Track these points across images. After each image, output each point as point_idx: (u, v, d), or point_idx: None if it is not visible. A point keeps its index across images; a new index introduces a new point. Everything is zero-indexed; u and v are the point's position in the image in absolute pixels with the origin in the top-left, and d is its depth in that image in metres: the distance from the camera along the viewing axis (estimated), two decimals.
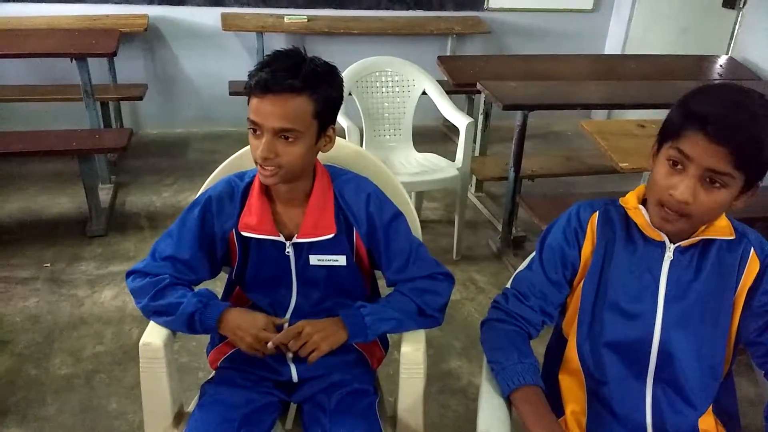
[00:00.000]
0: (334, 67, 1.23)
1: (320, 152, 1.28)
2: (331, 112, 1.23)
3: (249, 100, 1.18)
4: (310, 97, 1.16)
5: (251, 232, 1.29)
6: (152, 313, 1.30)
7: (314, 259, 1.32)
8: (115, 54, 3.23)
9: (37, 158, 3.70)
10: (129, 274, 1.34)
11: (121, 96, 3.89)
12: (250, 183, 1.32)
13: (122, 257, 2.86)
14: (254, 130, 1.18)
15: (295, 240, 1.30)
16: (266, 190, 1.31)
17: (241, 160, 1.48)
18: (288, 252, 1.31)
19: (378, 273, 1.49)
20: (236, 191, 1.32)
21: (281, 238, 1.29)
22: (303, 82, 1.14)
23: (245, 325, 1.25)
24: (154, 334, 1.28)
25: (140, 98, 3.86)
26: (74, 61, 3.20)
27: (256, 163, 1.21)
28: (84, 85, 3.26)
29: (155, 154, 4.07)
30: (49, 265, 2.78)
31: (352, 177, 1.36)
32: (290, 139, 1.17)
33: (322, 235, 1.29)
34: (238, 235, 1.31)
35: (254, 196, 1.29)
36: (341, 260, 1.32)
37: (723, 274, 1.14)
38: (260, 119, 1.16)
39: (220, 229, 1.32)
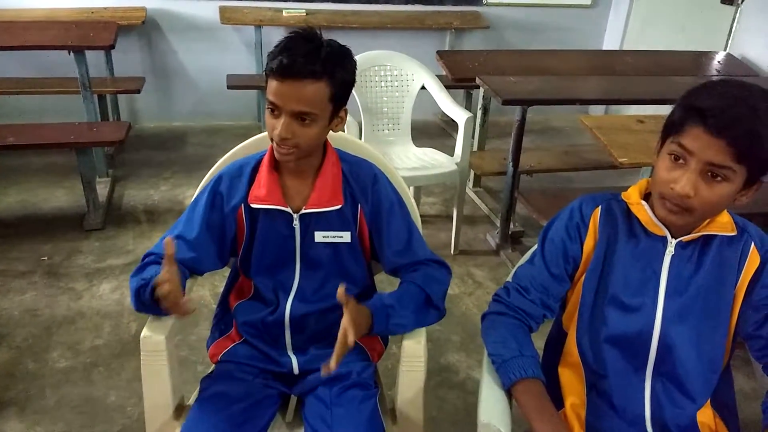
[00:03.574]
0: (349, 50, 1.25)
1: (331, 131, 1.31)
2: (345, 95, 1.26)
3: (267, 80, 1.20)
4: (329, 82, 1.19)
5: (260, 203, 1.31)
6: (131, 294, 1.25)
7: (319, 236, 1.33)
8: (112, 47, 3.23)
9: (34, 151, 3.70)
10: (144, 258, 1.33)
11: (119, 89, 3.89)
12: (260, 160, 1.35)
13: (120, 251, 2.86)
14: (272, 110, 1.21)
15: (303, 211, 1.31)
16: (276, 165, 1.33)
17: (241, 152, 1.48)
18: (295, 225, 1.32)
19: (375, 269, 1.50)
20: (246, 169, 1.35)
21: (289, 209, 1.31)
22: (323, 68, 1.17)
23: (159, 279, 1.13)
24: (155, 327, 1.28)
25: (138, 91, 3.85)
26: (72, 54, 3.19)
27: (271, 140, 1.24)
28: (81, 77, 3.25)
29: (153, 147, 4.06)
30: (46, 258, 2.78)
31: (359, 159, 1.41)
32: (307, 121, 1.20)
33: (329, 206, 1.31)
34: (247, 209, 1.33)
35: (264, 171, 1.32)
36: (346, 237, 1.34)
37: (723, 269, 1.15)
38: (280, 101, 1.18)
39: (229, 206, 1.33)
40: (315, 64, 1.16)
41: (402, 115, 3.01)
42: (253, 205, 1.31)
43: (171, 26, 4.17)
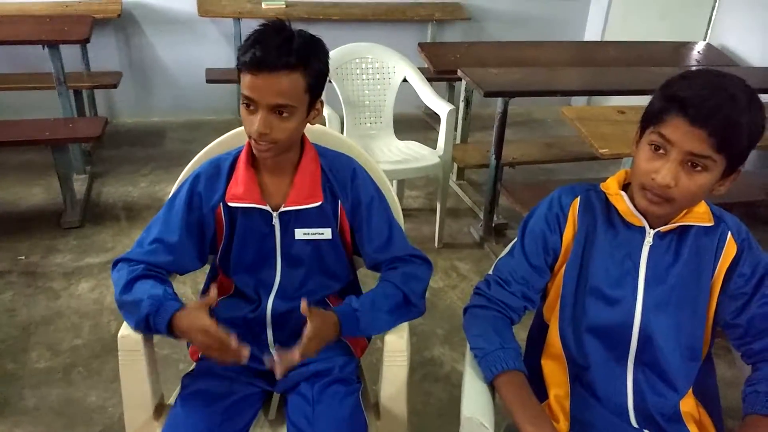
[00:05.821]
0: (321, 40, 1.24)
1: (308, 125, 1.29)
2: (320, 85, 1.24)
3: (240, 75, 1.18)
4: (303, 72, 1.17)
5: (238, 201, 1.28)
6: (121, 308, 1.25)
7: (300, 233, 1.32)
8: (88, 41, 3.15)
9: (9, 148, 3.61)
10: (115, 263, 1.31)
11: (95, 84, 3.81)
12: (237, 157, 1.32)
13: (99, 249, 2.81)
14: (248, 105, 1.18)
15: (282, 209, 1.29)
16: (253, 162, 1.31)
17: (218, 149, 1.45)
18: (274, 223, 1.31)
19: (358, 263, 1.48)
20: (223, 166, 1.32)
21: (267, 207, 1.29)
22: (297, 59, 1.15)
23: (191, 324, 1.15)
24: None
25: (114, 86, 3.78)
26: (46, 49, 3.12)
27: (249, 137, 1.22)
28: (56, 73, 3.18)
29: (131, 143, 4.00)
30: (23, 257, 2.73)
31: (338, 153, 1.39)
32: (285, 114, 1.18)
33: (309, 203, 1.29)
34: (226, 208, 1.30)
35: (241, 168, 1.30)
36: (326, 233, 1.33)
37: (701, 258, 1.15)
38: (256, 96, 1.16)
39: (207, 205, 1.31)
40: (289, 55, 1.14)
41: (384, 108, 2.99)
42: (231, 204, 1.29)
43: (148, 19, 4.10)
